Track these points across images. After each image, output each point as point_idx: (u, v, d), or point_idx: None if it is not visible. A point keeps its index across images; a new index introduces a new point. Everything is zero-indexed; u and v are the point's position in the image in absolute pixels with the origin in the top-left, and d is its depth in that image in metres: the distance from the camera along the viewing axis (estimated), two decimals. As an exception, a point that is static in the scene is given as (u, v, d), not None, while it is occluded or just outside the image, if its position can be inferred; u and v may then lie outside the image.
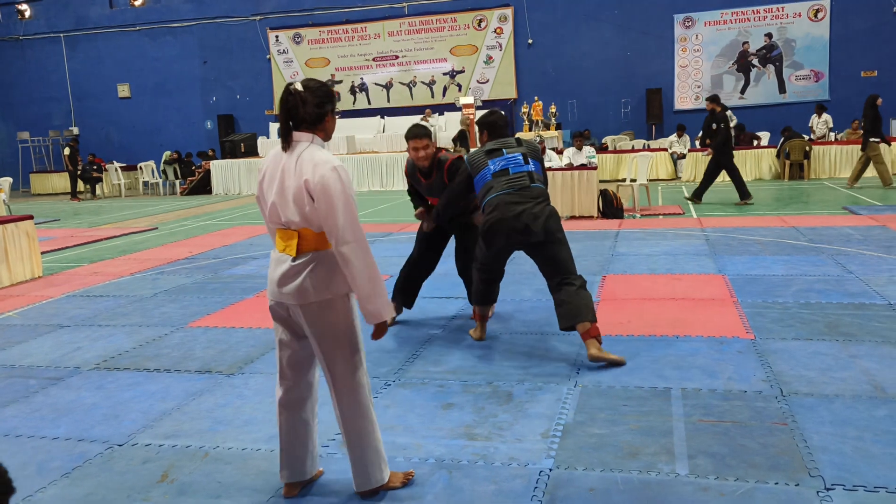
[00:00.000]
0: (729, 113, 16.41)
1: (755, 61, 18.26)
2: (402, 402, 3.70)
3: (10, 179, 15.63)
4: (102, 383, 4.24)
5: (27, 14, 22.34)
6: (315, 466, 2.88)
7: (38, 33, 22.64)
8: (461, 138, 12.95)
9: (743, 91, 18.32)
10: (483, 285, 4.58)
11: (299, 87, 2.57)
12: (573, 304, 4.08)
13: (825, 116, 15.83)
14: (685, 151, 15.82)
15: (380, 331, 2.69)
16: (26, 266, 7.71)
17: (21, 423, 3.69)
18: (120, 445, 3.36)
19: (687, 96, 18.73)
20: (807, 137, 15.21)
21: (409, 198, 5.31)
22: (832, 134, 15.66)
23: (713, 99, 11.28)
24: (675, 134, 16.38)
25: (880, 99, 12.37)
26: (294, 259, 2.57)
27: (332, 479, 2.92)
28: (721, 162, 10.95)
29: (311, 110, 2.57)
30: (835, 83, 17.78)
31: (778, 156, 14.69)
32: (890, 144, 13.48)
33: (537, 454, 3.04)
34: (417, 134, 4.67)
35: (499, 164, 4.31)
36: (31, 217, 8.02)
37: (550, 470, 2.90)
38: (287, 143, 2.58)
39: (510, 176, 4.27)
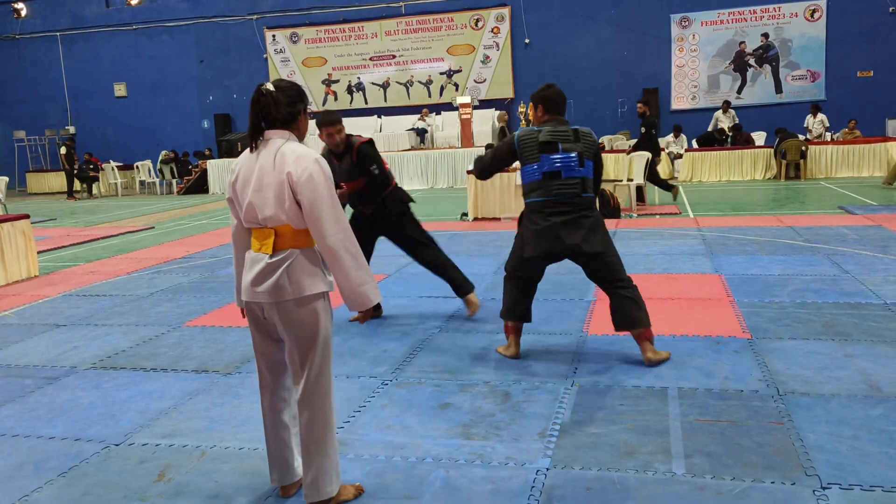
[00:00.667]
0: (731, 112, 16.42)
1: (752, 61, 18.28)
2: (399, 402, 3.70)
3: (6, 178, 15.57)
4: (99, 383, 4.23)
5: (23, 13, 22.27)
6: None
7: (34, 32, 22.57)
8: (503, 136, 12.83)
9: (740, 91, 18.35)
10: (517, 292, 4.27)
11: (270, 87, 2.55)
12: (629, 309, 4.06)
13: (820, 116, 15.87)
14: (682, 151, 15.84)
15: (365, 315, 2.67)
16: (22, 265, 7.69)
17: (17, 423, 3.68)
18: (117, 445, 3.35)
19: (684, 96, 18.75)
20: (803, 137, 15.25)
21: None
22: (828, 134, 15.70)
23: (645, 102, 11.60)
24: (671, 134, 16.40)
25: None
26: (271, 257, 2.54)
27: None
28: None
29: (284, 110, 2.56)
30: (831, 83, 17.81)
31: (774, 156, 14.71)
32: None
33: (534, 453, 3.05)
34: (332, 121, 4.88)
35: (553, 163, 3.97)
36: (27, 216, 8.01)
37: (547, 469, 2.91)
38: (256, 143, 2.57)
39: (562, 181, 3.97)
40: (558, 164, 3.98)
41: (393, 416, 3.51)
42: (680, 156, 15.81)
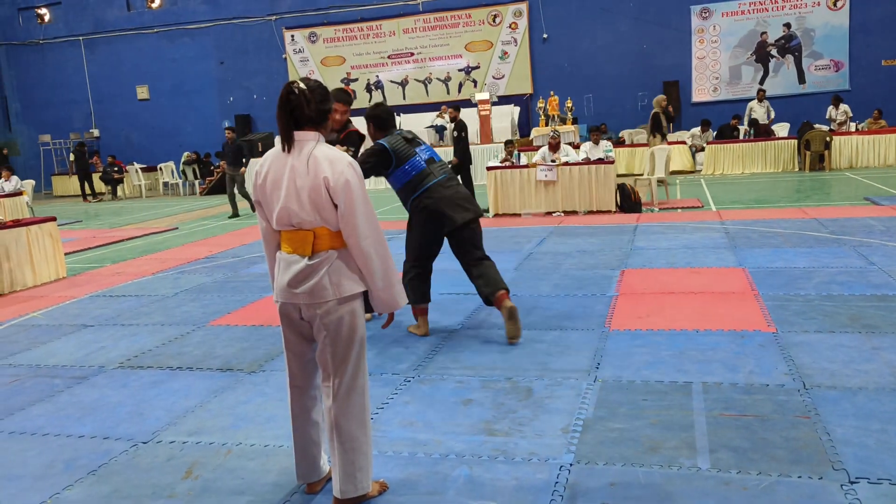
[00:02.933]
0: (766, 103, 16.11)
1: (774, 52, 18.06)
2: (421, 399, 3.71)
3: (32, 182, 15.85)
4: (126, 382, 4.29)
5: (46, 18, 22.60)
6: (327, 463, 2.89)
7: (57, 37, 22.90)
8: (656, 124, 12.15)
9: (762, 82, 18.12)
10: (418, 281, 4.76)
11: (302, 85, 2.52)
12: (492, 276, 4.59)
13: (843, 107, 15.63)
14: (704, 144, 15.69)
15: (390, 319, 2.79)
16: (50, 267, 7.82)
17: (47, 422, 3.75)
18: (144, 443, 3.40)
19: (705, 88, 18.57)
20: (827, 128, 15.04)
21: None
22: (852, 124, 15.46)
23: (456, 107, 11.65)
24: (698, 128, 16.21)
25: None
26: (310, 258, 2.55)
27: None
28: (459, 169, 10.70)
29: (315, 108, 2.54)
30: (855, 72, 17.54)
31: (798, 147, 14.53)
32: None
33: (558, 449, 3.04)
34: (347, 101, 5.50)
35: (425, 152, 4.68)
36: (54, 219, 8.14)
37: (571, 465, 2.90)
38: (290, 143, 2.54)
39: (437, 163, 4.68)
40: (429, 152, 4.70)
41: (416, 413, 3.53)
42: (702, 148, 15.66)
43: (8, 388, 4.32)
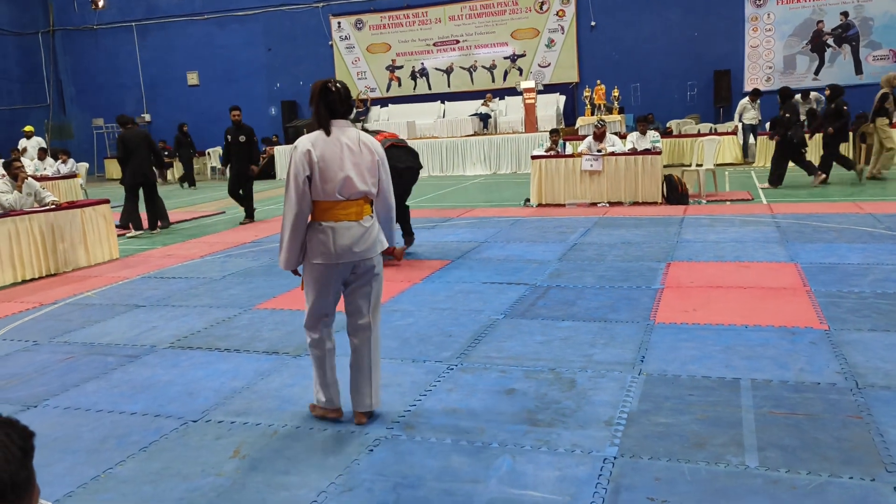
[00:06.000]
0: (745, 102, 15.54)
1: (830, 41, 17.50)
2: (464, 387, 3.72)
3: (86, 164, 16.30)
4: (177, 361, 4.40)
5: (101, 4, 23.11)
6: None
7: (111, 23, 23.40)
8: (882, 105, 11.51)
9: (817, 72, 17.61)
10: None
11: (337, 84, 3.17)
12: None
13: (903, 98, 15.06)
14: (756, 122, 15.18)
15: (396, 251, 3.82)
16: (104, 248, 8.04)
17: (101, 399, 3.87)
18: (194, 421, 3.49)
19: (758, 77, 18.10)
20: (887, 121, 14.52)
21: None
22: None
23: (239, 109, 10.59)
24: (747, 98, 15.66)
25: None
26: (363, 222, 3.21)
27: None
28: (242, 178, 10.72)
29: (346, 104, 3.21)
30: (916, 63, 16.91)
31: (853, 140, 14.07)
32: None
33: (601, 442, 3.03)
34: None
35: None
36: (107, 201, 8.35)
37: (615, 458, 2.88)
38: (329, 128, 3.15)
39: None
40: None
41: (458, 401, 3.54)
42: (754, 129, 15.15)
43: (63, 365, 4.46)
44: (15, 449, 1.05)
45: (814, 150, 13.06)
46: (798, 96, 16.05)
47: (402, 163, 6.86)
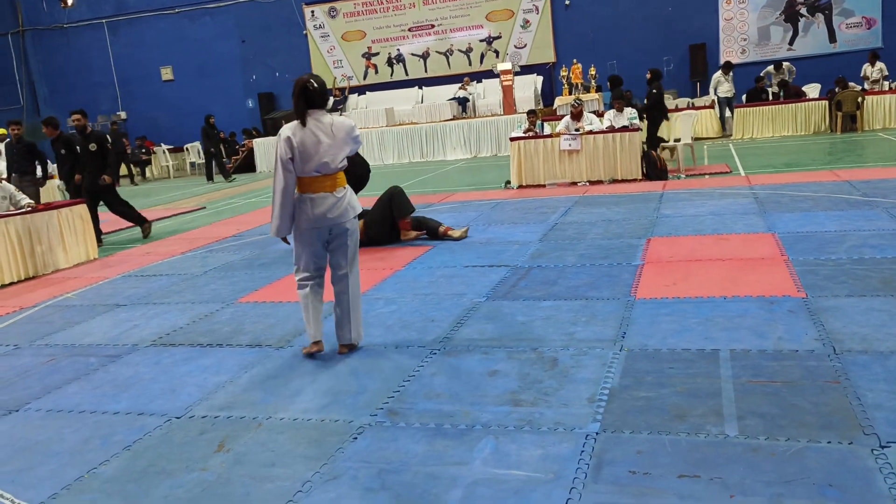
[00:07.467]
0: (718, 75, 15.68)
1: (803, 10, 17.56)
2: (447, 370, 3.73)
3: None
4: (159, 359, 4.38)
5: (69, 2, 22.73)
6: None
7: (81, 20, 23.03)
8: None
9: (791, 42, 17.67)
10: None
11: (315, 83, 3.84)
12: None
13: (879, 64, 15.20)
14: (731, 95, 15.27)
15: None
16: (81, 248, 7.97)
17: (84, 399, 3.85)
18: (178, 418, 3.48)
19: (733, 50, 18.15)
20: (859, 87, 14.64)
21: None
22: (886, 83, 15.03)
23: (82, 113, 9.13)
24: (719, 71, 15.72)
25: None
26: (336, 192, 3.91)
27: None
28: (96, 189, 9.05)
29: (323, 96, 3.90)
30: (888, 30, 17.00)
31: (829, 108, 14.18)
32: None
33: (583, 418, 3.05)
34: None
35: None
36: (83, 201, 8.26)
37: (597, 434, 2.91)
38: (305, 118, 3.83)
39: None
40: None
41: (441, 385, 3.55)
42: (730, 102, 15.24)
43: (45, 368, 4.43)
44: None
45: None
46: (770, 67, 16.19)
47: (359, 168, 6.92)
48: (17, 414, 3.74)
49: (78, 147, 9.06)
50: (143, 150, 19.89)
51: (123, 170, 19.48)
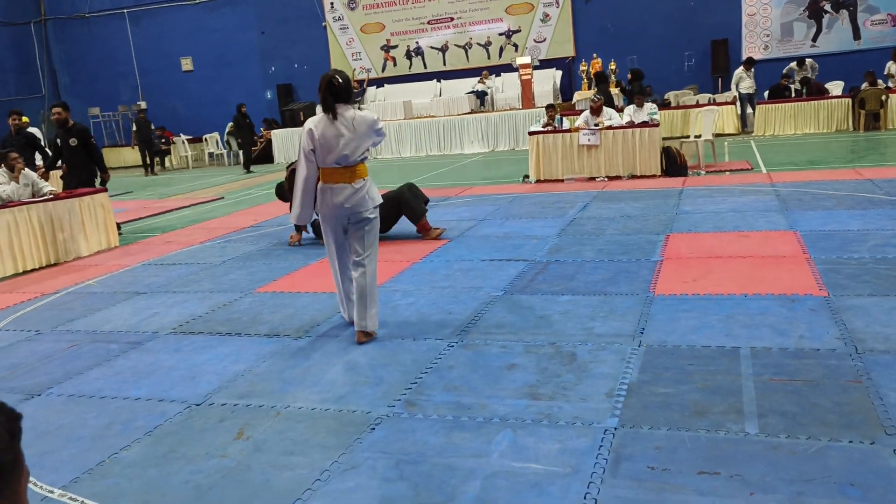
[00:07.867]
0: (740, 71, 15.47)
1: (827, 7, 17.32)
2: (465, 363, 3.74)
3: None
4: (179, 347, 4.42)
5: (91, -8, 22.89)
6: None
7: (102, 10, 23.19)
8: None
9: (815, 39, 17.44)
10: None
11: (339, 78, 4.04)
12: None
13: (904, 62, 14.95)
14: (752, 91, 15.09)
15: None
16: (102, 236, 8.04)
17: (105, 385, 3.89)
18: (198, 405, 3.51)
19: (755, 45, 17.95)
20: (884, 85, 14.44)
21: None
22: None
23: (64, 106, 8.98)
24: (742, 67, 15.53)
25: None
26: (355, 183, 4.08)
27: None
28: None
29: (348, 91, 4.07)
30: (916, 26, 16.73)
31: (852, 105, 14.00)
32: None
33: (602, 413, 3.04)
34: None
35: None
36: (105, 189, 8.33)
37: (615, 429, 2.90)
38: (335, 112, 4.01)
39: None
40: None
41: (460, 378, 3.56)
42: (751, 99, 15.05)
43: (67, 353, 4.49)
44: (1, 430, 1.04)
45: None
46: (793, 64, 15.99)
47: None
48: (40, 398, 3.79)
49: (59, 140, 8.70)
50: (163, 140, 20.01)
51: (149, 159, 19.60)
